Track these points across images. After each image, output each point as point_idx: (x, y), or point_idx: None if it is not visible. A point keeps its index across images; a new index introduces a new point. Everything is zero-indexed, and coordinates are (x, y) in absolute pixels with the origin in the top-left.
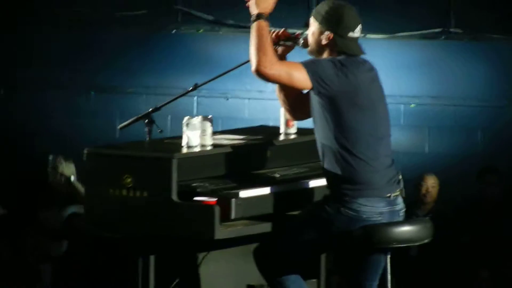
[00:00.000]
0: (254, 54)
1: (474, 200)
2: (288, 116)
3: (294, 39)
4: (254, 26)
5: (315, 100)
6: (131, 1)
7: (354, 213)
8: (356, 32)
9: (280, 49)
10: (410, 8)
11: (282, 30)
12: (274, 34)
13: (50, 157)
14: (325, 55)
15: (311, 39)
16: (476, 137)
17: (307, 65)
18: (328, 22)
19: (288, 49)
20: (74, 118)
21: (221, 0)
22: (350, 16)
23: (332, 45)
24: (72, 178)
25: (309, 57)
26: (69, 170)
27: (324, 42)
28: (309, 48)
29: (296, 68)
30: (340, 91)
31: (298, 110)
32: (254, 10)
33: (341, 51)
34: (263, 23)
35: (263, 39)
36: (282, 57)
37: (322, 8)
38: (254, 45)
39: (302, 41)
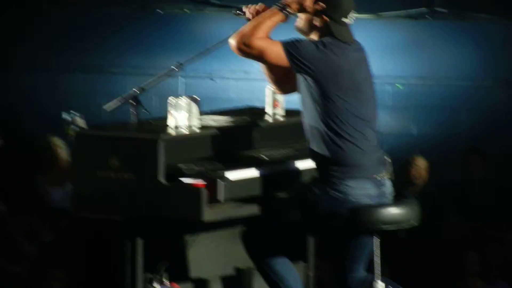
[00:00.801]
0: (240, 28)
1: (460, 180)
2: (275, 89)
3: None
4: (272, 9)
5: (300, 81)
6: None
7: (342, 194)
8: (349, 18)
9: None
10: None
11: (259, 4)
12: (252, 9)
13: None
14: (314, 35)
15: (303, 16)
16: (463, 117)
17: (285, 44)
18: (326, 3)
19: None
20: (60, 99)
21: None
22: (346, 1)
23: (323, 28)
24: None
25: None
26: None
27: (316, 23)
28: (297, 23)
29: (273, 46)
30: (321, 71)
31: (283, 83)
32: (290, 1)
33: (329, 34)
34: (278, 14)
35: (261, 20)
36: None
37: None
38: (252, 20)
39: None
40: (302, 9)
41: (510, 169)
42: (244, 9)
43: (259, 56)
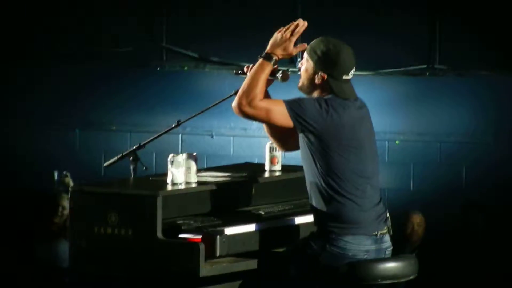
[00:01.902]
0: (240, 90)
1: (459, 235)
2: (278, 148)
3: (272, 73)
4: (258, 62)
5: (301, 139)
6: (116, 37)
7: (340, 250)
8: (350, 75)
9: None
10: (394, 44)
11: None
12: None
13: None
14: (316, 93)
15: (303, 76)
16: (461, 173)
17: (289, 104)
18: (323, 64)
19: (269, 83)
20: (59, 155)
21: (206, 37)
22: (346, 59)
23: (324, 85)
24: None
25: (294, 93)
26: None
27: (317, 81)
28: (299, 83)
29: (277, 106)
30: (324, 131)
31: (286, 141)
32: (268, 48)
33: (330, 92)
34: (266, 64)
35: (256, 77)
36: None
37: (318, 47)
38: (245, 81)
39: (281, 75)
40: (287, 54)
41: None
42: (245, 69)
43: (265, 117)
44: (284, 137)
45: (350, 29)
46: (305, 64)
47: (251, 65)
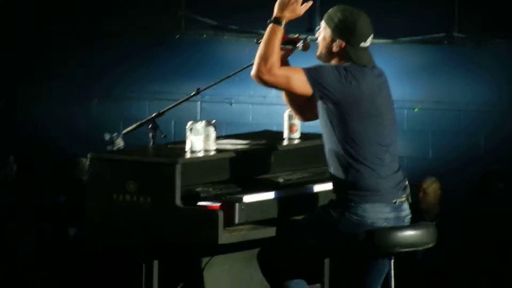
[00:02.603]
0: (257, 58)
1: (478, 204)
2: (297, 117)
3: (293, 42)
4: (268, 28)
5: (320, 106)
6: (134, 7)
7: (359, 218)
8: (368, 42)
9: (281, 52)
10: (413, 12)
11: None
12: None
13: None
14: (334, 61)
15: (321, 44)
16: (480, 141)
17: (308, 71)
18: (340, 31)
19: (288, 53)
20: (79, 124)
21: (224, 5)
22: (363, 26)
23: (342, 53)
24: None
25: (313, 62)
26: None
27: (335, 49)
28: (318, 52)
29: (296, 74)
30: (343, 98)
31: (305, 111)
32: (275, 12)
33: (348, 59)
34: (277, 28)
35: (270, 44)
36: (283, 60)
37: (335, 14)
38: (260, 48)
39: (302, 45)
40: (295, 15)
41: None
42: None
43: (285, 85)
44: (303, 107)
45: None
46: (323, 33)
47: None
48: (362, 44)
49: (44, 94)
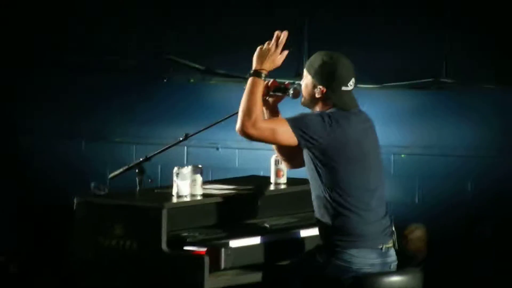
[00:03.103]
0: (240, 112)
1: (465, 249)
2: (284, 164)
3: (284, 89)
4: (249, 81)
5: (306, 154)
6: (122, 49)
7: (345, 263)
8: (350, 86)
9: (270, 99)
10: (400, 57)
11: (271, 80)
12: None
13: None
14: (318, 107)
15: (304, 91)
16: (467, 187)
17: (292, 121)
18: (321, 77)
19: (278, 99)
20: (65, 167)
21: (212, 50)
22: (343, 70)
23: (325, 99)
24: None
25: (302, 107)
26: None
27: (317, 95)
28: (302, 99)
29: (281, 125)
30: (328, 145)
31: (293, 159)
32: (254, 65)
33: (333, 106)
34: (258, 80)
35: (252, 97)
36: (273, 107)
37: (315, 61)
38: (243, 102)
39: (292, 92)
40: (274, 66)
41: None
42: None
43: (270, 138)
44: (291, 154)
45: (356, 42)
46: (305, 80)
47: (266, 81)
48: (344, 88)
49: (28, 128)
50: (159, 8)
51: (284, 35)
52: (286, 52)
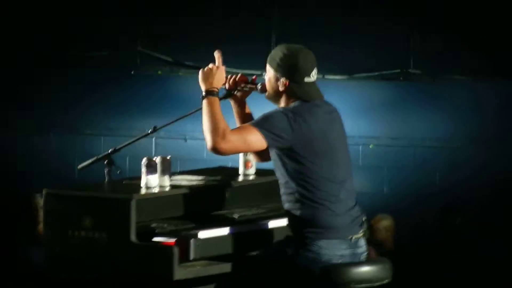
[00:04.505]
0: (206, 132)
1: (432, 239)
2: (254, 158)
3: (252, 83)
4: (204, 103)
5: (272, 151)
6: (90, 41)
7: (314, 255)
8: (312, 76)
9: (239, 93)
10: (369, 49)
11: (239, 75)
12: (231, 80)
13: None
14: (282, 101)
15: (268, 85)
16: (435, 177)
17: (258, 125)
18: (282, 69)
19: (246, 94)
20: (33, 159)
21: (180, 42)
22: (305, 61)
23: (289, 91)
24: None
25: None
26: None
27: (281, 88)
28: (266, 94)
29: (250, 133)
30: (295, 141)
31: (262, 153)
32: (203, 87)
33: (296, 98)
34: (213, 99)
35: (213, 115)
36: (241, 101)
37: (276, 54)
38: (205, 122)
39: (260, 87)
40: (222, 80)
41: (483, 229)
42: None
43: (243, 147)
44: (260, 151)
45: (324, 34)
46: (268, 74)
47: (230, 76)
48: (307, 79)
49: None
50: (127, 0)
51: (219, 54)
52: (218, 54)
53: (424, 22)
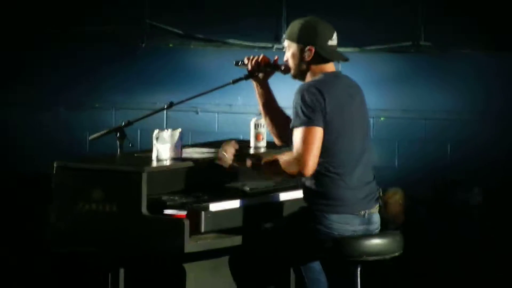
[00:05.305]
0: (284, 171)
1: (443, 212)
2: (275, 140)
3: (274, 65)
4: (264, 170)
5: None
6: (99, 15)
7: (326, 229)
8: (334, 39)
9: (261, 75)
10: (379, 21)
11: (261, 56)
12: (254, 61)
13: None
14: (309, 75)
15: (292, 62)
16: (446, 150)
17: (300, 122)
18: (306, 37)
19: (269, 74)
20: (44, 134)
21: (190, 14)
22: (323, 26)
23: (315, 60)
24: None
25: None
26: None
27: (307, 58)
28: (292, 72)
29: (304, 135)
30: (324, 116)
31: (284, 135)
32: (248, 164)
33: (321, 70)
34: (262, 161)
35: (277, 172)
36: (263, 82)
37: (293, 28)
38: (275, 171)
39: (283, 68)
40: (236, 149)
41: (494, 202)
42: (246, 60)
43: (315, 151)
44: (282, 132)
45: (334, 7)
46: (290, 51)
47: (252, 57)
48: (330, 42)
49: (8, 97)
50: None
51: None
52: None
53: None
